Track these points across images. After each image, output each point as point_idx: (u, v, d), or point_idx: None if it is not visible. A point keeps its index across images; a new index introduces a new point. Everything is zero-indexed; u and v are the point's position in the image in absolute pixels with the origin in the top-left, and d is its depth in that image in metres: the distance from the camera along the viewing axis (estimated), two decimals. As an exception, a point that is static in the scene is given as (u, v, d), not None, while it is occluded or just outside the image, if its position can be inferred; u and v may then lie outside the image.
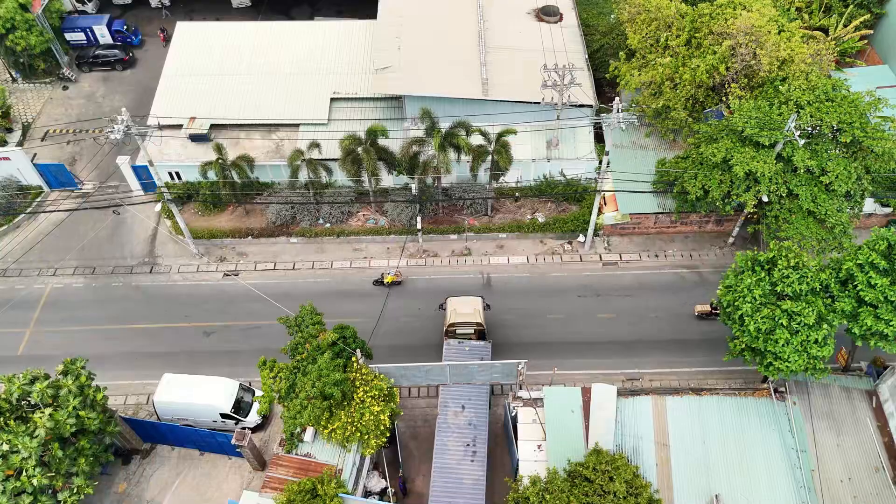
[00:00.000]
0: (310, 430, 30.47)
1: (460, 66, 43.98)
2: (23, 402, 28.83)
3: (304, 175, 41.28)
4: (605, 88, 47.75)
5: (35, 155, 46.93)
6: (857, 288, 28.91)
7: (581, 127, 42.72)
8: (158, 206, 44.05)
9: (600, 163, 42.59)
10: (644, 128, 43.99)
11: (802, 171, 35.59)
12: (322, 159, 41.18)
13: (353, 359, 30.89)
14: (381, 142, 40.20)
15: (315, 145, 40.34)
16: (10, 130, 48.81)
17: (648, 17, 42.66)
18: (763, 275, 30.12)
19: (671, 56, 41.57)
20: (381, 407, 29.96)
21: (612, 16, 48.95)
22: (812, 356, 29.07)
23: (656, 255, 42.07)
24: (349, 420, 29.53)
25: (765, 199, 36.16)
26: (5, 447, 27.21)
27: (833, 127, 35.46)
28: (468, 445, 31.32)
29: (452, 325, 35.49)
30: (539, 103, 41.34)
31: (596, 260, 42.00)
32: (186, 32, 48.71)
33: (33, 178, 44.65)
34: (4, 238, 43.09)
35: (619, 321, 39.21)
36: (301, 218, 43.21)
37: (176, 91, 45.43)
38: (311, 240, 43.04)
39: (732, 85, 39.32)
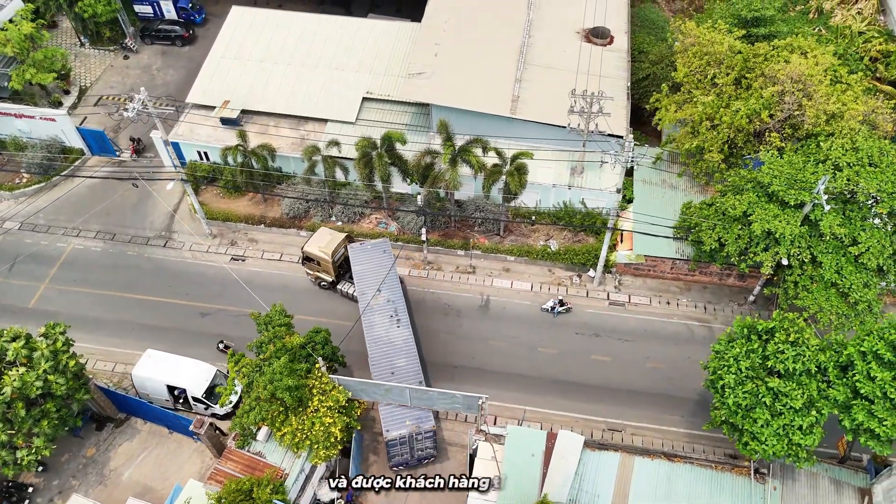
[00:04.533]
0: (264, 430, 30.52)
1: (493, 81, 42.79)
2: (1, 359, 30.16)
3: (320, 171, 41.33)
4: (649, 118, 45.45)
5: (85, 119, 49.20)
6: (855, 377, 26.20)
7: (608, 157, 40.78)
8: (170, 185, 44.97)
9: (625, 198, 40.81)
10: (678, 167, 41.62)
11: (829, 237, 32.65)
12: (341, 157, 41.11)
13: (317, 365, 30.71)
14: (401, 149, 39.72)
15: (335, 143, 40.30)
16: (67, 92, 51.37)
17: (700, 50, 40.22)
18: (757, 345, 27.84)
19: (716, 94, 39.05)
20: (335, 419, 29.63)
21: (673, 43, 46.30)
22: (794, 443, 26.64)
23: (668, 302, 39.76)
24: (299, 427, 29.36)
25: (784, 262, 33.42)
26: (-27, 399, 28.55)
27: (871, 195, 32.28)
28: (392, 316, 35.68)
29: (333, 253, 38.39)
30: (565, 128, 39.73)
31: (603, 297, 40.11)
32: (239, 17, 49.66)
33: (76, 142, 46.74)
34: (40, 195, 45.41)
35: (612, 366, 37.33)
36: (314, 213, 43.40)
37: (218, 73, 46.43)
38: (321, 236, 43.10)
39: (773, 134, 36.55)
